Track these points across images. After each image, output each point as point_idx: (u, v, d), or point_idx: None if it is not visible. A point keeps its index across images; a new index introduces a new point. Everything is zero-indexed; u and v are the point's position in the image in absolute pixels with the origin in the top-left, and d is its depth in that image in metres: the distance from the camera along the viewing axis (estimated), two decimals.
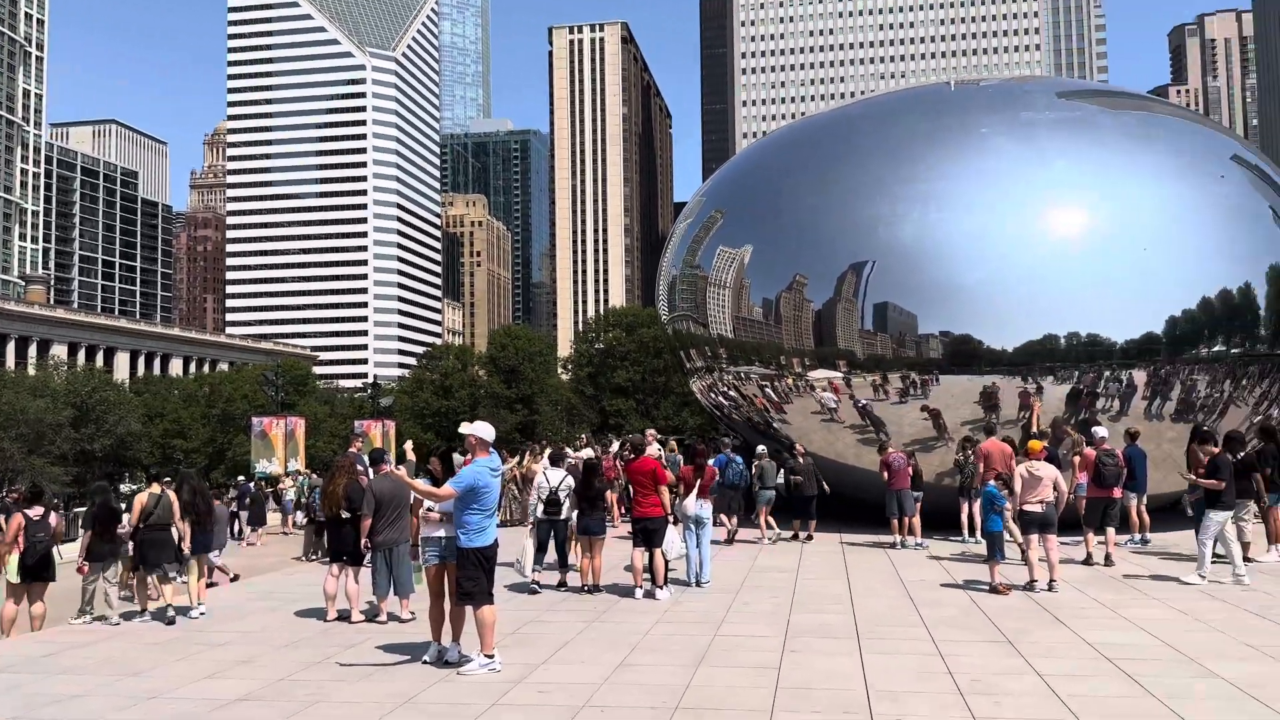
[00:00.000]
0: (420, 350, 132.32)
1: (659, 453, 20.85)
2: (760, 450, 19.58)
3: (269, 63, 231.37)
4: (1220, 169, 19.69)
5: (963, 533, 17.56)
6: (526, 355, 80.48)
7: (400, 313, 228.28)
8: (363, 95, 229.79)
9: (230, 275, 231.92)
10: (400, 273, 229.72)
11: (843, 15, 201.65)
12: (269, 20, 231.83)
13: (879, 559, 15.99)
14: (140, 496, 12.87)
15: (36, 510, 12.79)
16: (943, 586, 13.26)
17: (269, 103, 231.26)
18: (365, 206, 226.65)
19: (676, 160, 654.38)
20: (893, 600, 12.31)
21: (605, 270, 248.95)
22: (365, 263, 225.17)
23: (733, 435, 24.06)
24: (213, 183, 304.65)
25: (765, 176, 23.10)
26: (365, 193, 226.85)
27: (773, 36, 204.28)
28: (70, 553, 16.80)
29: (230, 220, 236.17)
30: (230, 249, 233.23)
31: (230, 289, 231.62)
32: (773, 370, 20.76)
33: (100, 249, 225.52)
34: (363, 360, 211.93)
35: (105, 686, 9.01)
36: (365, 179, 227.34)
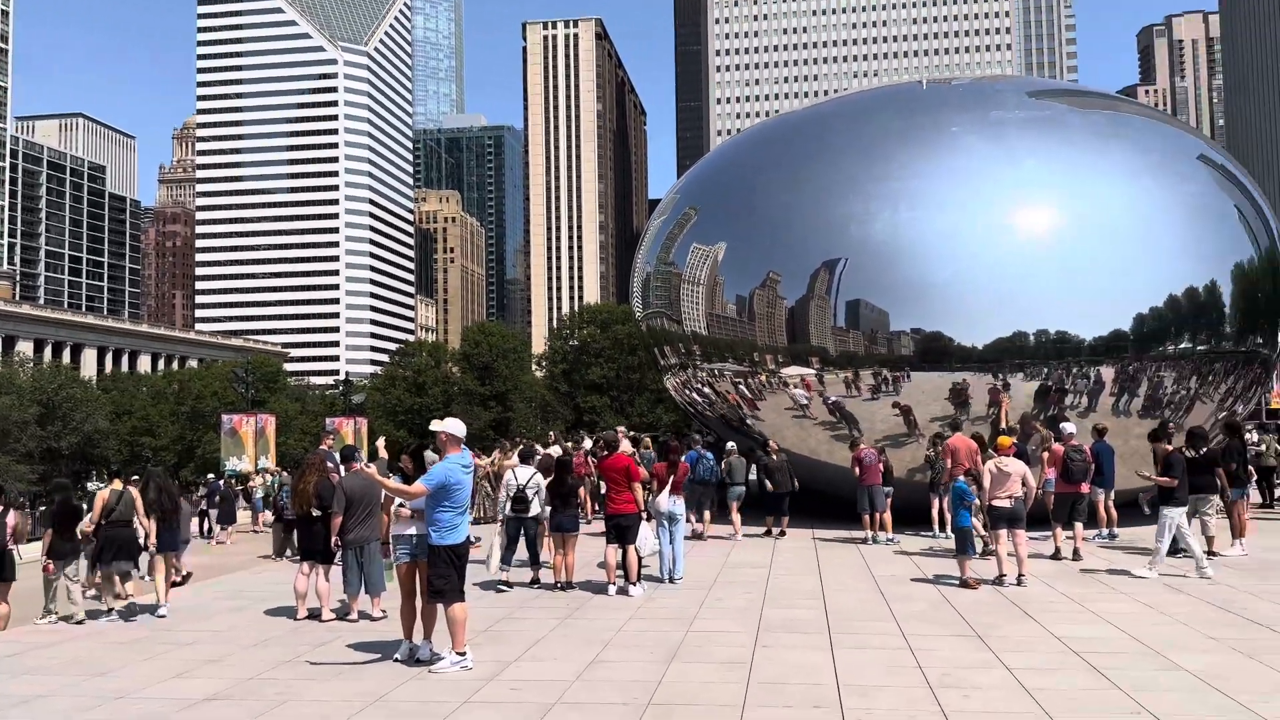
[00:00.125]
0: (393, 347, 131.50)
1: (631, 450, 20.84)
2: (730, 447, 19.66)
3: (239, 56, 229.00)
4: (1187, 169, 19.97)
5: (933, 528, 17.71)
6: (500, 352, 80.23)
7: (372, 309, 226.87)
8: (334, 89, 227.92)
9: (200, 271, 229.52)
10: (372, 269, 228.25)
11: (816, 14, 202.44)
12: (239, 13, 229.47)
13: (851, 554, 16.09)
14: (102, 493, 12.74)
15: None
16: (913, 581, 13.37)
17: (239, 96, 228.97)
18: (337, 202, 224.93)
19: (651, 157, 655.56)
20: (864, 595, 12.39)
21: (580, 267, 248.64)
22: (337, 259, 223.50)
23: (704, 432, 24.12)
24: (182, 177, 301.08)
25: (739, 174, 23.16)
26: (337, 188, 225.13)
27: (747, 34, 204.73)
28: (30, 553, 16.56)
29: (200, 215, 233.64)
30: (200, 244, 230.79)
31: (200, 285, 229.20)
32: (746, 367, 20.82)
33: (67, 244, 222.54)
34: (334, 357, 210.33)
35: (71, 687, 8.90)
36: (337, 174, 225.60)
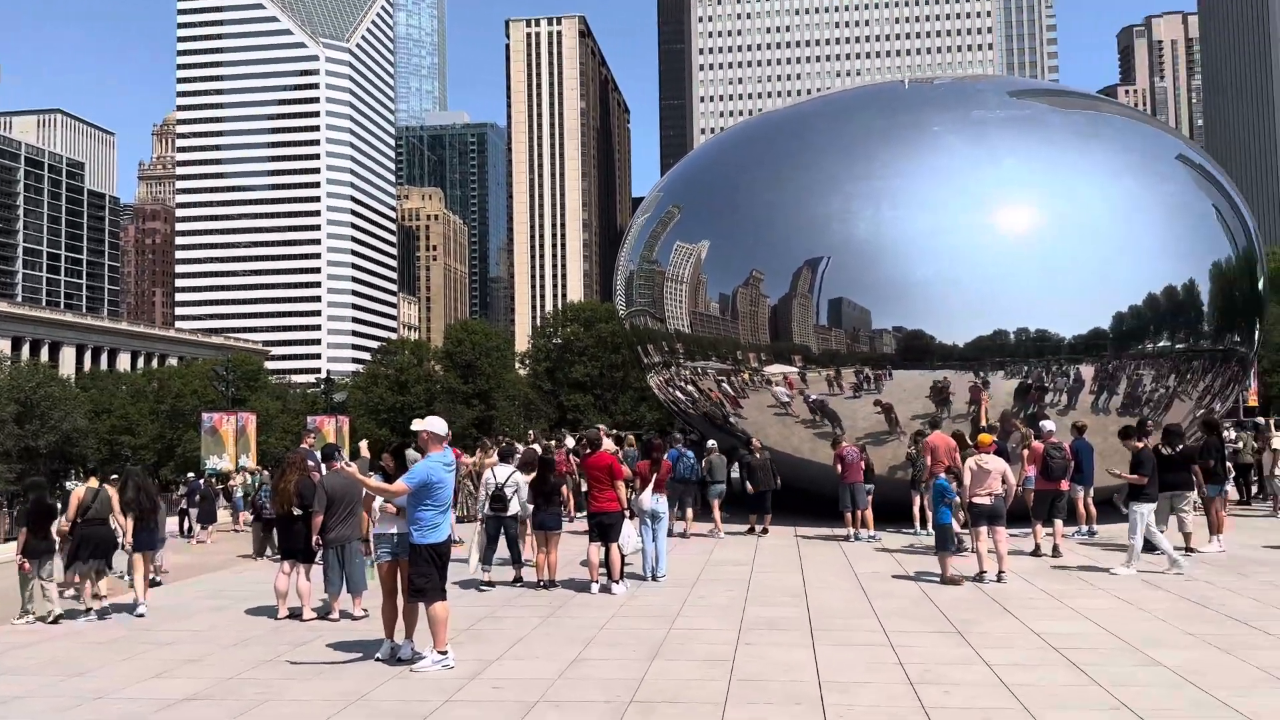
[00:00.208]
0: (375, 345, 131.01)
1: (614, 449, 20.85)
2: (710, 445, 19.72)
3: (220, 52, 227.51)
4: (1166, 168, 20.13)
5: (915, 525, 17.78)
6: (483, 350, 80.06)
7: (354, 307, 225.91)
8: (316, 86, 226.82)
9: (180, 268, 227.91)
10: (354, 266, 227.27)
11: (799, 13, 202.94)
12: (220, 9, 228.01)
13: (833, 552, 16.15)
14: (77, 491, 12.63)
15: None
16: (894, 578, 13.43)
17: (220, 93, 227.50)
18: (319, 199, 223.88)
19: (634, 155, 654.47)
20: (846, 592, 12.43)
21: (563, 265, 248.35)
22: (319, 256, 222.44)
23: (688, 430, 24.14)
24: (162, 174, 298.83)
25: (722, 172, 23.18)
26: (319, 185, 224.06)
27: (730, 33, 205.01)
28: (6, 552, 16.41)
29: (180, 212, 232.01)
30: (180, 241, 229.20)
31: (180, 282, 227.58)
32: (729, 365, 20.85)
33: (45, 241, 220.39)
34: (316, 355, 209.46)
35: (49, 687, 8.83)
36: (319, 171, 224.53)
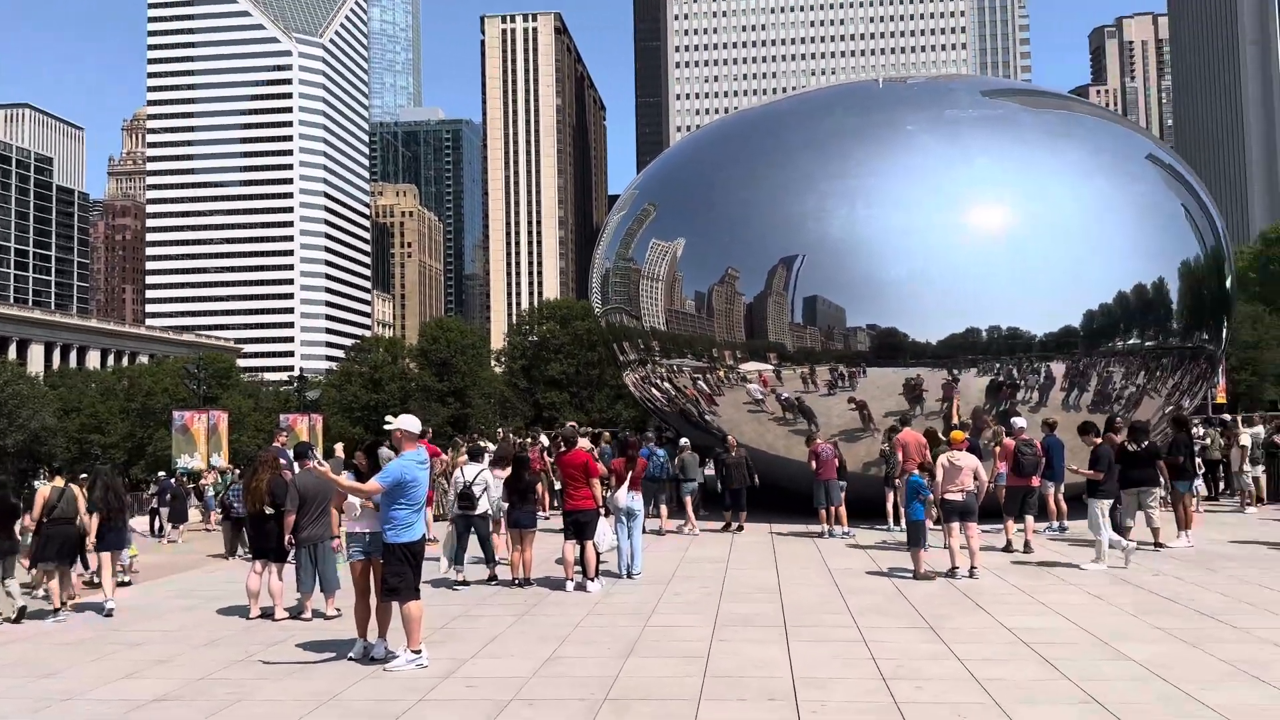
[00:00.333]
0: (349, 342, 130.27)
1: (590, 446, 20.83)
2: (683, 443, 19.78)
3: (191, 47, 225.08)
4: (1137, 168, 20.36)
5: (888, 521, 17.89)
6: (459, 348, 79.66)
7: (328, 304, 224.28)
8: (289, 82, 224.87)
9: (150, 265, 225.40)
10: (328, 263, 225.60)
11: (774, 11, 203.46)
12: (191, 3, 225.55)
13: (807, 548, 16.22)
14: (43, 490, 12.50)
15: None
16: (868, 574, 13.50)
17: (191, 88, 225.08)
18: (291, 195, 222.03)
19: (611, 152, 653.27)
20: (820, 588, 12.49)
21: (539, 262, 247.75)
22: (291, 253, 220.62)
23: (664, 428, 24.16)
24: (132, 170, 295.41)
25: (698, 170, 23.23)
26: (291, 181, 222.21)
27: (706, 31, 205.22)
28: None
29: (150, 209, 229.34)
30: (150, 238, 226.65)
31: (150, 279, 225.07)
32: (705, 363, 20.90)
33: (13, 237, 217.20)
34: (289, 353, 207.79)
35: (17, 689, 8.71)
36: (291, 167, 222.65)
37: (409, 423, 9.15)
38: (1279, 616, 10.27)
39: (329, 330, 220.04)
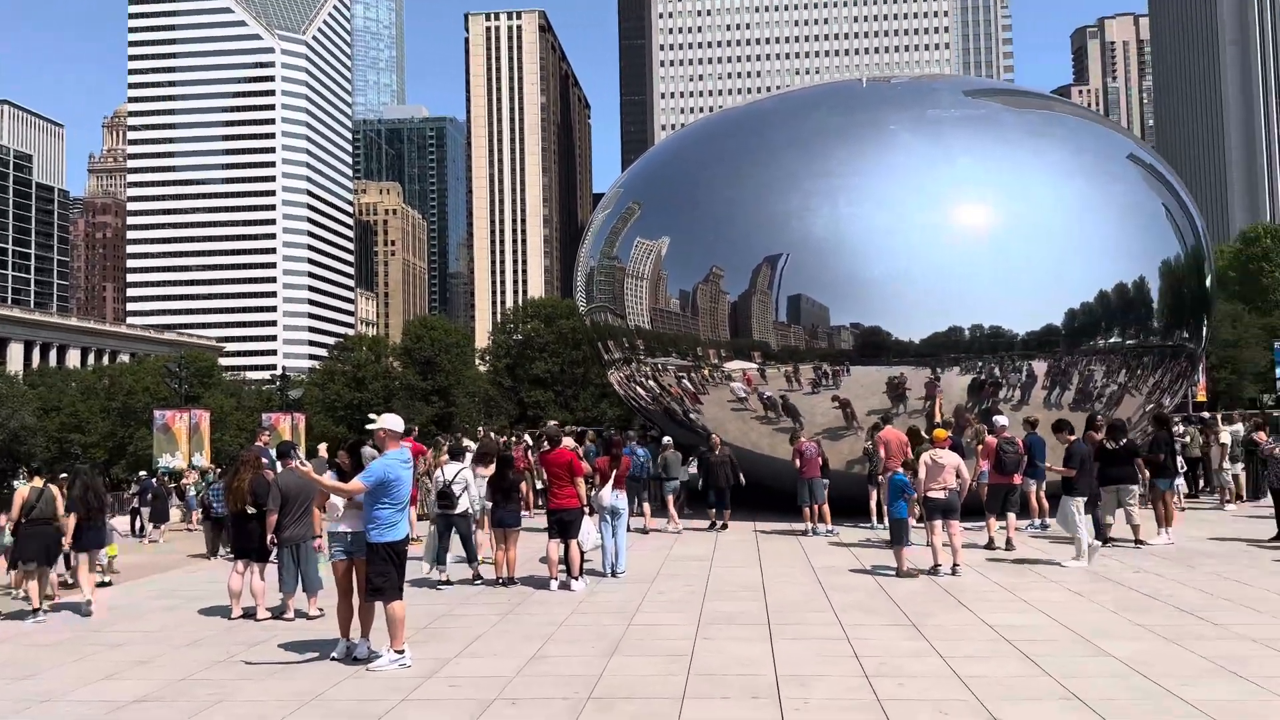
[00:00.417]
0: (332, 341, 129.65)
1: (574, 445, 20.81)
2: (666, 441, 19.82)
3: (172, 43, 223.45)
4: (1118, 168, 20.50)
5: (871, 519, 17.95)
6: (443, 346, 79.41)
7: (310, 302, 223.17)
8: (271, 79, 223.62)
9: (131, 263, 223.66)
10: (310, 261, 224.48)
11: (759, 10, 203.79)
12: None
13: (791, 546, 16.26)
14: (21, 490, 12.42)
15: None
16: (851, 572, 13.55)
17: (172, 85, 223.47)
18: (274, 193, 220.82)
19: (595, 151, 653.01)
20: (803, 586, 12.52)
21: (524, 260, 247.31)
22: (274, 251, 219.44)
23: (647, 427, 24.16)
24: (112, 167, 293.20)
25: (682, 169, 23.23)
26: (274, 179, 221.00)
27: (690, 29, 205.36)
28: None
29: (131, 206, 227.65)
30: (131, 236, 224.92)
31: (131, 277, 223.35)
32: (689, 361, 20.91)
33: None
34: (271, 351, 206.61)
35: None
36: (274, 164, 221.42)
37: (392, 421, 9.12)
38: (1257, 613, 10.37)
39: (312, 329, 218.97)
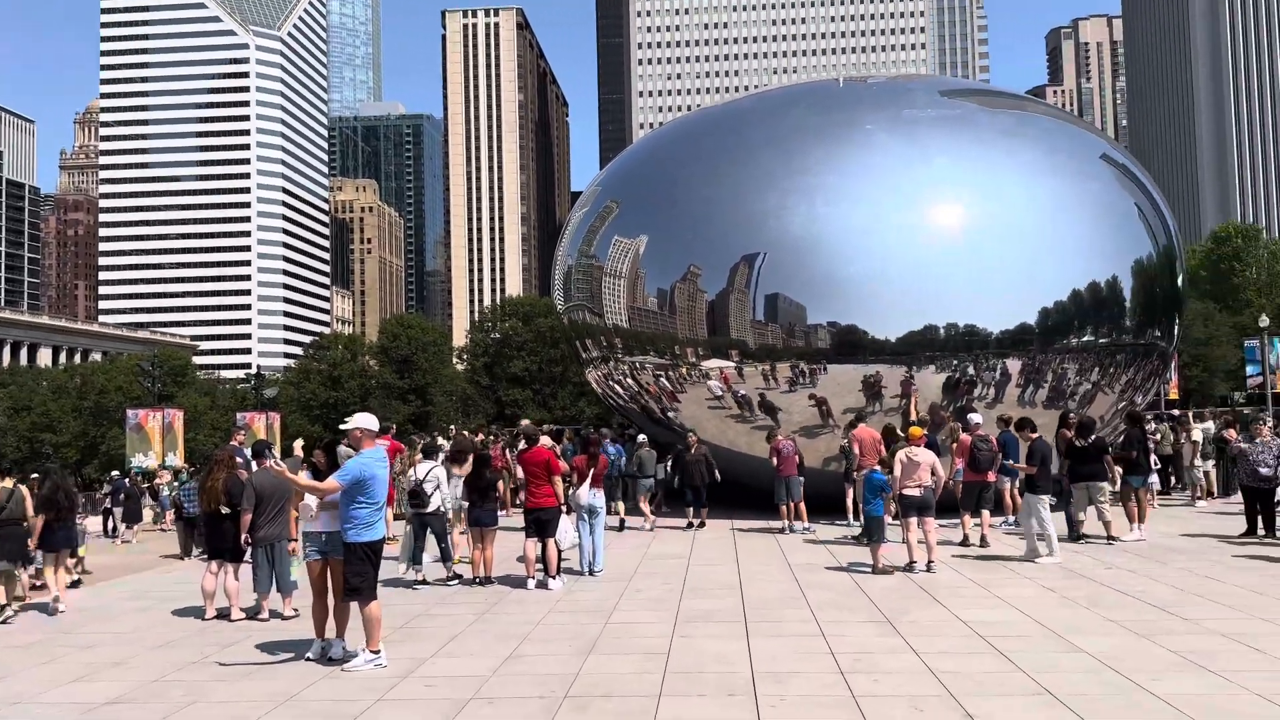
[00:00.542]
0: (307, 339, 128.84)
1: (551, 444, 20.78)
2: (640, 440, 19.84)
3: (145, 39, 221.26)
4: (1091, 168, 20.69)
5: (848, 517, 18.04)
6: (420, 345, 79.10)
7: (286, 300, 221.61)
8: (246, 75, 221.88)
9: (103, 261, 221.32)
10: (286, 259, 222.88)
11: (736, 9, 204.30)
12: None
13: (768, 544, 16.32)
14: None
15: None
16: (827, 569, 13.61)
17: (145, 81, 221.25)
18: (249, 190, 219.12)
19: (574, 149, 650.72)
20: (780, 584, 12.57)
21: (502, 259, 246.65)
22: (248, 248, 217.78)
23: (624, 426, 24.18)
24: (84, 164, 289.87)
25: (660, 168, 23.24)
26: (249, 176, 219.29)
27: (668, 28, 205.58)
28: None
29: (103, 203, 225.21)
30: (103, 233, 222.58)
31: (103, 275, 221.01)
32: (667, 360, 20.93)
33: None
34: (246, 350, 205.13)
35: None
36: (249, 162, 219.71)
37: (366, 420, 9.08)
38: (1227, 608, 10.51)
39: (287, 327, 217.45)
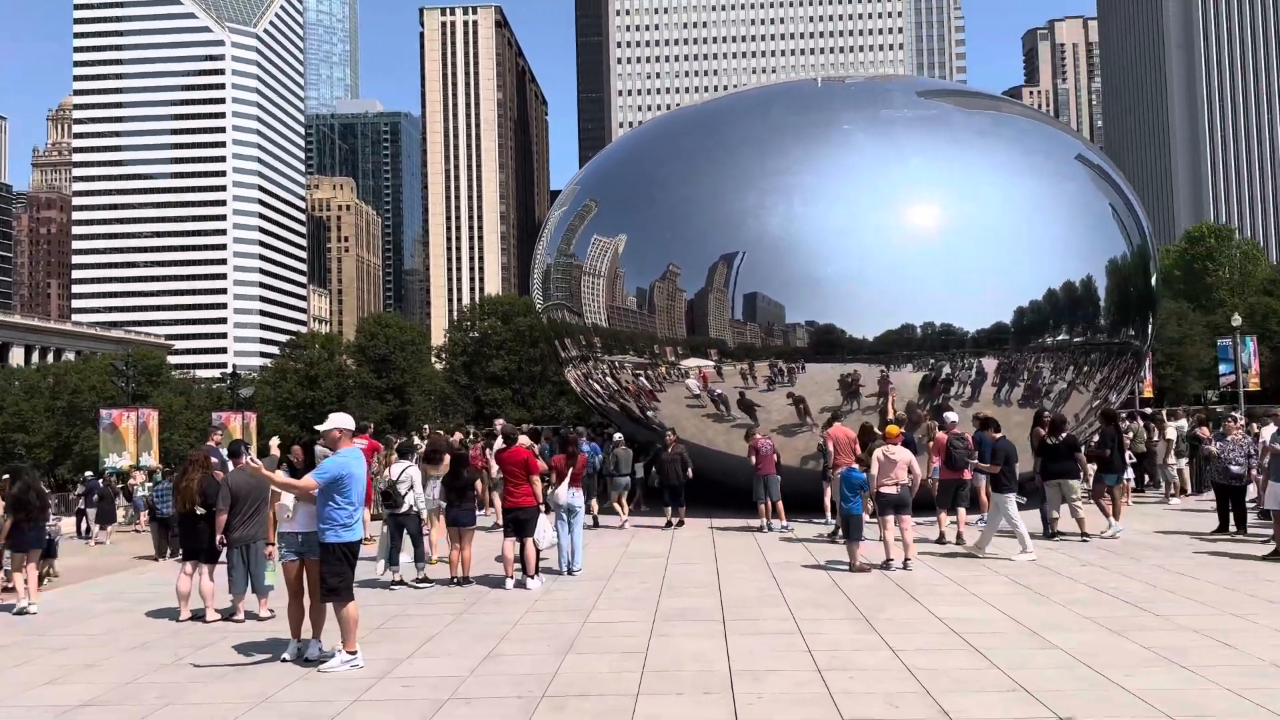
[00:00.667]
0: (284, 339, 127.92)
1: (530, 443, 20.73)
2: (617, 438, 19.86)
3: (119, 35, 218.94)
4: (1066, 169, 20.86)
5: (825, 515, 18.10)
6: (398, 344, 78.71)
7: (262, 299, 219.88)
8: (221, 72, 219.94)
9: (77, 259, 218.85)
10: (262, 258, 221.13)
11: (716, 8, 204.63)
12: None
13: (746, 542, 16.36)
14: None
15: None
16: (805, 567, 13.66)
17: (119, 78, 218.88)
18: (224, 188, 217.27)
19: (553, 148, 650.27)
20: (758, 582, 12.61)
21: (480, 257, 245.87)
22: (224, 247, 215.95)
23: (600, 425, 24.17)
24: (57, 161, 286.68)
25: (639, 167, 23.23)
26: (224, 174, 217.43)
27: (647, 27, 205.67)
28: None
29: (77, 201, 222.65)
30: (77, 231, 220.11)
31: (77, 274, 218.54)
32: (646, 359, 20.94)
33: None
34: (222, 349, 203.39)
35: None
36: (224, 159, 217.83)
37: (343, 420, 9.03)
38: (1199, 604, 10.63)
39: (263, 326, 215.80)
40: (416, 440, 20.07)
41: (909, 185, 19.22)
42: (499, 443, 17.93)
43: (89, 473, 35.64)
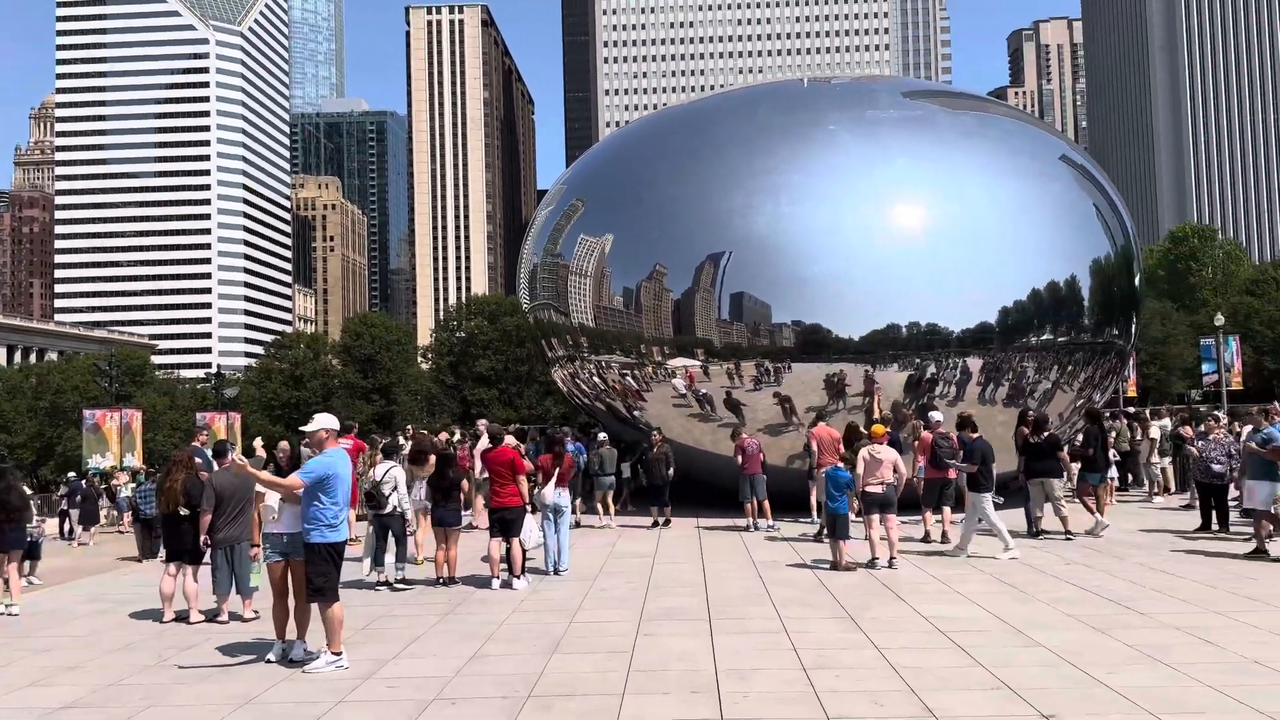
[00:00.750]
0: (269, 338, 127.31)
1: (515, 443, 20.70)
2: (601, 438, 19.85)
3: (102, 33, 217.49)
4: (1051, 169, 20.97)
5: (811, 514, 18.15)
6: (384, 344, 78.51)
7: (247, 299, 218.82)
8: (206, 70, 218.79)
9: (59, 259, 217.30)
10: (246, 257, 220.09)
11: (702, 8, 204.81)
12: None
13: (732, 542, 16.38)
14: None
15: None
16: (791, 567, 13.69)
17: (103, 75, 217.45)
18: (209, 187, 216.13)
19: (539, 147, 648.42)
20: (744, 581, 12.63)
21: (467, 257, 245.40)
22: (208, 246, 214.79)
23: (586, 425, 24.15)
24: (40, 159, 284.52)
25: (626, 166, 23.23)
26: (209, 173, 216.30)
27: (634, 27, 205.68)
28: None
29: (59, 200, 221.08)
30: (59, 230, 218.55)
31: (59, 273, 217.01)
32: (633, 359, 20.94)
33: None
34: (206, 349, 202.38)
35: None
36: (209, 158, 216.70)
37: (328, 421, 9.01)
38: (1182, 602, 10.70)
39: (248, 326, 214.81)
40: (402, 440, 19.99)
41: (895, 185, 19.28)
42: (484, 442, 17.89)
43: (72, 474, 35.39)
